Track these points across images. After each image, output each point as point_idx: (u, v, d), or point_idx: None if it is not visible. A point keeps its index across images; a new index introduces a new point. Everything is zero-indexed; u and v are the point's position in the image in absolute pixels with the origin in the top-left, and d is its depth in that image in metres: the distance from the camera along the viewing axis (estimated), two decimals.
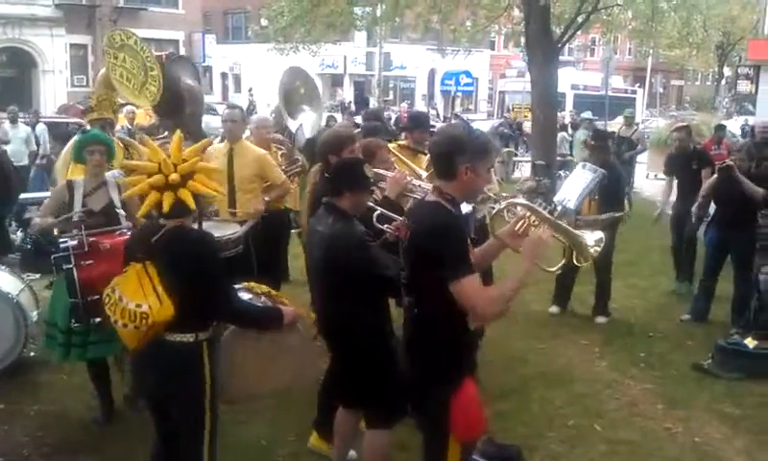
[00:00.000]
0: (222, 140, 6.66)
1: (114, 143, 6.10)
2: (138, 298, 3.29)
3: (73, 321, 4.63)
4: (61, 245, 4.55)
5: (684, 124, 9.65)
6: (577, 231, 3.48)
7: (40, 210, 5.20)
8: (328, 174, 4.40)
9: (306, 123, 7.62)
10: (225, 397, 3.75)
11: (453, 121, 19.83)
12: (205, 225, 5.76)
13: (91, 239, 4.58)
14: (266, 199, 6.17)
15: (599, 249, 3.44)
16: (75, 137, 5.15)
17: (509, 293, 3.08)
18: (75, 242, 4.55)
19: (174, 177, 3.37)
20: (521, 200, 3.60)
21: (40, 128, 13.98)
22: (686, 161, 8.68)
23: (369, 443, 4.14)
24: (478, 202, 4.21)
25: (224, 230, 5.74)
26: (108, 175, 5.07)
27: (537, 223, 3.28)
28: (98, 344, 4.82)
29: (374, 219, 4.15)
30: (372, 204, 4.28)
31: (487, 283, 3.59)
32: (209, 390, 3.47)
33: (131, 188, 3.57)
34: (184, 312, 3.34)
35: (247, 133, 6.70)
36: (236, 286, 3.90)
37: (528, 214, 3.31)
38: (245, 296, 3.93)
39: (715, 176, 7.33)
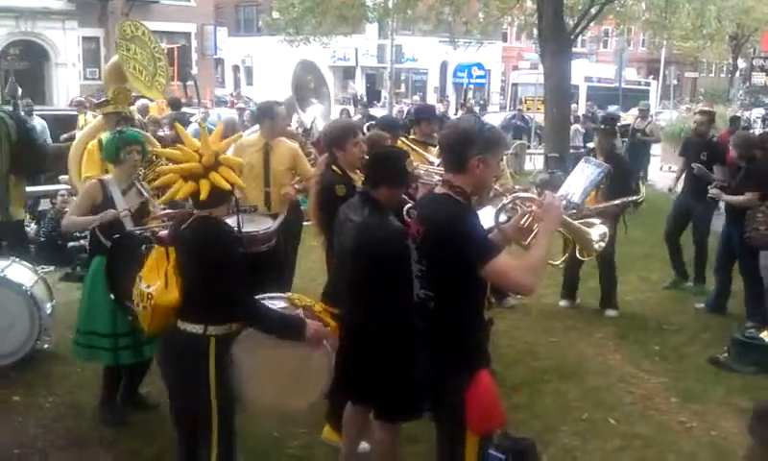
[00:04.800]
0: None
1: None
2: (151, 280, 3.39)
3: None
4: (139, 234, 4.55)
5: (710, 109, 9.44)
6: (582, 226, 3.47)
7: (71, 209, 5.16)
8: (367, 163, 4.36)
9: (318, 116, 7.62)
10: (241, 402, 3.65)
11: (463, 114, 19.76)
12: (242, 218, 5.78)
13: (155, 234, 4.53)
14: (296, 186, 6.18)
15: (603, 244, 3.44)
16: (107, 135, 5.06)
17: (540, 259, 3.08)
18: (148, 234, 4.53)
19: (195, 166, 3.45)
20: (526, 194, 3.58)
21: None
22: (698, 150, 8.50)
23: (376, 435, 4.14)
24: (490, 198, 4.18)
25: (259, 224, 5.76)
26: None
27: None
28: (151, 343, 4.70)
29: (405, 212, 4.13)
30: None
31: None
32: (215, 388, 3.41)
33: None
34: (192, 301, 3.37)
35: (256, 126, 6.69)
36: (275, 295, 3.87)
37: (534, 208, 3.30)
38: (279, 304, 3.75)
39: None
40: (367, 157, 4.65)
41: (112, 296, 4.55)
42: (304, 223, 7.42)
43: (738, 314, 7.50)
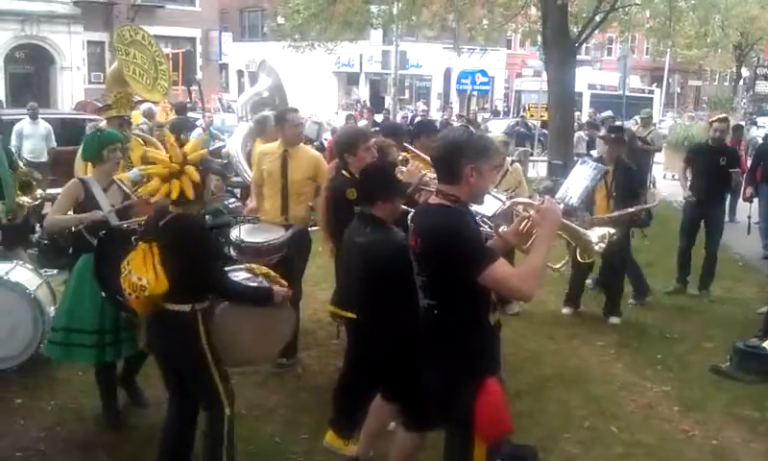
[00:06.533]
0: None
1: (132, 141, 6.15)
2: (140, 272, 3.82)
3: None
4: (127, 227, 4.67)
5: (725, 115, 9.61)
6: (581, 229, 3.47)
7: (52, 209, 5.13)
8: (358, 182, 4.37)
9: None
10: (224, 362, 4.12)
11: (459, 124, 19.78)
12: (250, 228, 5.77)
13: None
14: (310, 205, 6.09)
15: (604, 245, 3.44)
16: (90, 135, 5.12)
17: (538, 264, 3.08)
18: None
19: (174, 166, 3.91)
20: (524, 199, 3.59)
21: None
22: (716, 156, 8.53)
23: (398, 442, 4.14)
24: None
25: (268, 234, 5.70)
26: (131, 173, 5.18)
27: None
28: (129, 341, 4.83)
29: (409, 220, 4.12)
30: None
31: None
32: (209, 352, 3.96)
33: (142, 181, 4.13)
34: (179, 286, 3.83)
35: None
36: (237, 266, 4.51)
37: (532, 213, 3.30)
38: (242, 275, 4.33)
39: None
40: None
41: (103, 294, 4.59)
42: (310, 228, 7.42)
43: (742, 322, 7.49)
